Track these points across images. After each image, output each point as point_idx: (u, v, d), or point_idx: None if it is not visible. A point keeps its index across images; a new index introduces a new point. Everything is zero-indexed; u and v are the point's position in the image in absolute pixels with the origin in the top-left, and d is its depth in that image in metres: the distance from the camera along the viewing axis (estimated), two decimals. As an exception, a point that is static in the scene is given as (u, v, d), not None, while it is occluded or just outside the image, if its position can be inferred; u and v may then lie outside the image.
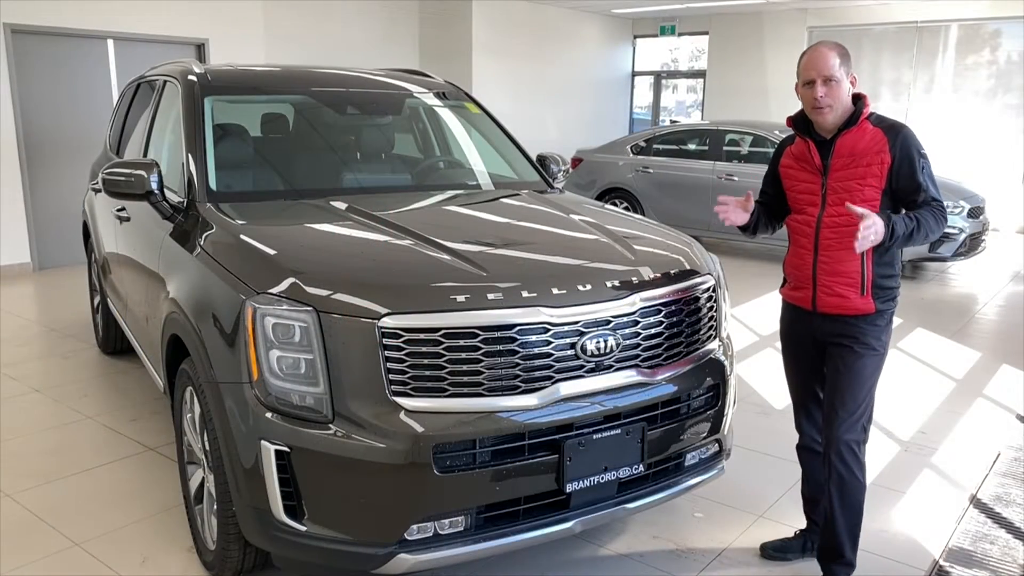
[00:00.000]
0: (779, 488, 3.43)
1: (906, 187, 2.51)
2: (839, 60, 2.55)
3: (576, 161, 9.99)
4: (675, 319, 2.67)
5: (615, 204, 9.12)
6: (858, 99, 2.60)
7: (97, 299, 5.17)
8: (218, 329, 2.48)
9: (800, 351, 2.79)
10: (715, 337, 2.86)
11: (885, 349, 2.64)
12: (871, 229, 2.36)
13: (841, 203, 2.52)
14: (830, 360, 2.66)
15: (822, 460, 2.69)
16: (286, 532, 2.32)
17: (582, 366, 2.43)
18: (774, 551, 2.91)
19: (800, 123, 2.68)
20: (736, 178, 8.60)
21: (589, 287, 2.49)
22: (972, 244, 7.90)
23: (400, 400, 2.24)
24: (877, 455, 3.84)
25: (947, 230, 7.66)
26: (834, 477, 2.62)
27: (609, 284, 2.53)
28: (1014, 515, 3.27)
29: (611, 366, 2.48)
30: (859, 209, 2.39)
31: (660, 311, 2.62)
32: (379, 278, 2.47)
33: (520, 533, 2.41)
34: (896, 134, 2.53)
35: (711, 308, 2.85)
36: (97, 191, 4.63)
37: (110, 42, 8.07)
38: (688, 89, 15.33)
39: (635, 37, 14.79)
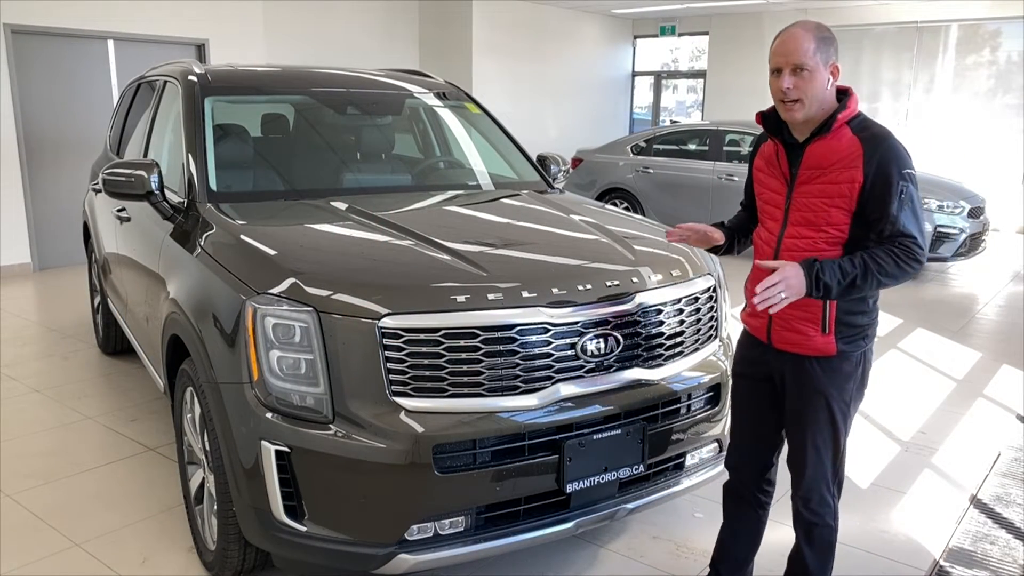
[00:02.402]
0: (779, 489, 3.41)
1: (873, 214, 2.05)
2: (815, 45, 2.05)
3: (576, 161, 9.99)
4: (675, 319, 2.67)
5: (615, 204, 9.12)
6: (843, 96, 2.15)
7: (97, 299, 5.17)
8: (218, 329, 2.48)
9: (752, 385, 2.40)
10: (715, 337, 2.86)
11: (852, 396, 2.25)
12: (777, 287, 1.99)
13: (805, 222, 2.14)
14: (788, 408, 2.31)
15: (757, 513, 2.50)
16: (286, 532, 2.32)
17: (582, 366, 2.43)
18: None
19: (772, 120, 2.24)
20: (736, 178, 8.59)
21: (589, 287, 2.49)
22: (972, 244, 7.90)
23: (400, 400, 2.25)
24: (877, 455, 3.85)
25: (947, 230, 7.67)
26: (801, 522, 2.36)
27: (609, 284, 2.53)
28: (1014, 515, 3.27)
29: (611, 366, 2.49)
30: (769, 263, 2.09)
31: (660, 311, 2.62)
32: (379, 278, 2.48)
33: (520, 533, 2.41)
34: (875, 147, 2.05)
35: (711, 308, 2.85)
36: (97, 191, 4.63)
37: (110, 42, 8.07)
38: (688, 89, 15.33)
39: (635, 37, 14.79)
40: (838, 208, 2.10)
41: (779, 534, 3.02)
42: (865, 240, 2.09)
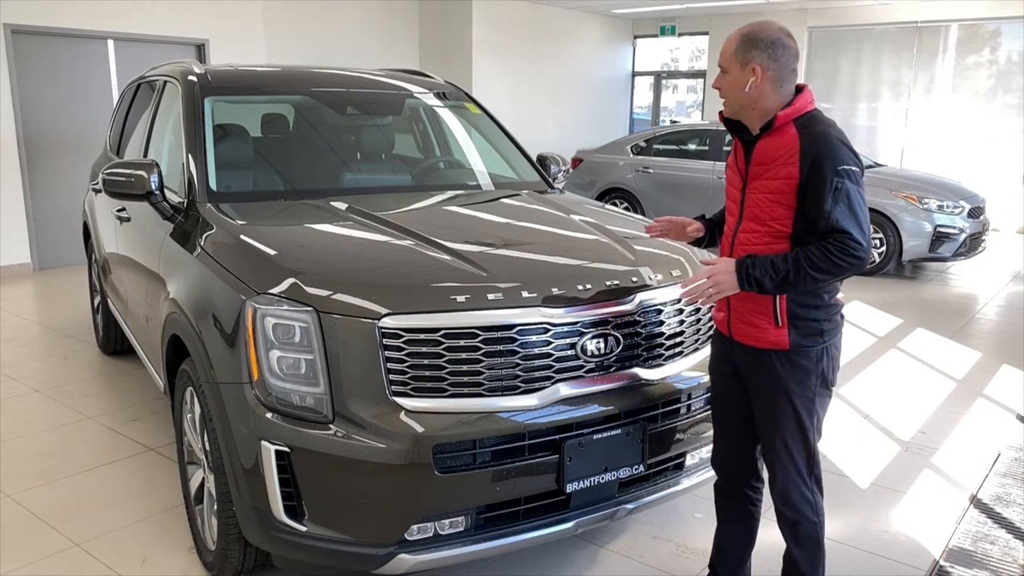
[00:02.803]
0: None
1: (811, 210, 2.07)
2: (735, 47, 2.15)
3: (576, 161, 10.00)
4: (675, 319, 2.67)
5: (615, 204, 9.12)
6: (798, 93, 2.18)
7: (97, 299, 5.17)
8: (218, 329, 2.48)
9: (725, 381, 2.43)
10: (715, 337, 2.86)
11: (815, 392, 2.24)
12: (706, 283, 2.14)
13: (754, 217, 2.18)
14: (755, 406, 2.33)
15: (749, 512, 2.53)
16: (286, 532, 2.31)
17: (582, 366, 2.43)
18: None
19: (731, 119, 2.29)
20: (736, 178, 8.58)
21: (589, 287, 2.49)
22: (972, 244, 7.90)
23: (400, 400, 2.25)
24: (877, 455, 3.85)
25: (947, 230, 7.67)
26: (784, 520, 2.36)
27: (609, 284, 2.53)
28: (1014, 515, 3.27)
29: (611, 366, 2.49)
30: (711, 259, 2.20)
31: (660, 311, 2.62)
32: (379, 278, 2.48)
33: (520, 533, 2.41)
34: (811, 143, 2.07)
35: (711, 308, 2.85)
36: (97, 191, 4.63)
37: (110, 42, 8.07)
38: (688, 89, 15.33)
39: (635, 37, 14.79)
40: (779, 204, 2.13)
41: (777, 534, 3.02)
42: (809, 235, 2.11)
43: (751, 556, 2.63)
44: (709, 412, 2.72)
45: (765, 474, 2.52)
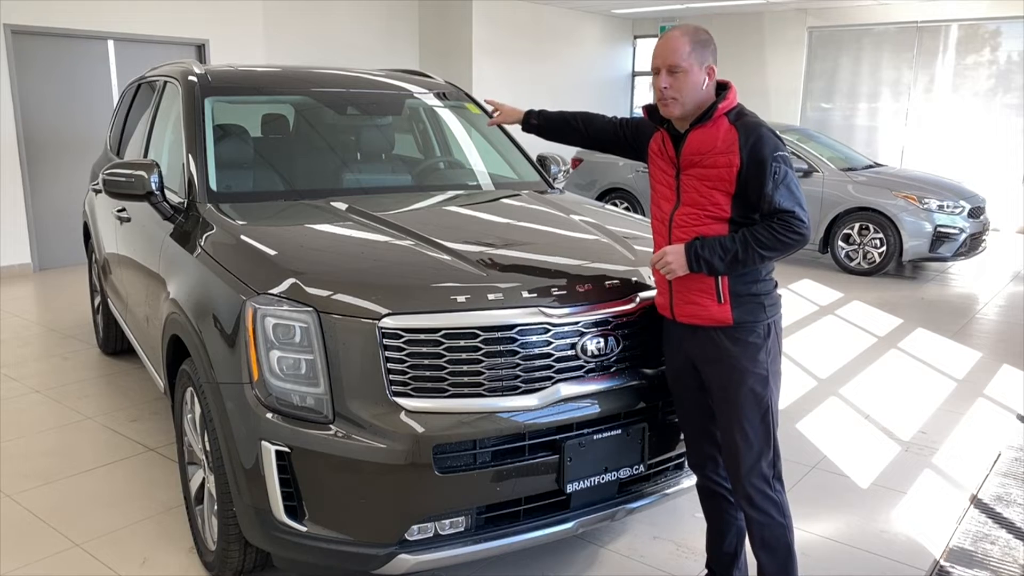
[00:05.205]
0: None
1: (753, 195, 2.20)
2: (690, 47, 2.22)
3: (576, 161, 9.99)
4: (675, 319, 2.67)
5: (615, 204, 9.12)
6: (722, 90, 2.29)
7: (97, 299, 5.17)
8: (218, 330, 2.48)
9: (683, 381, 2.45)
10: (715, 337, 2.86)
11: (768, 369, 2.30)
12: (669, 266, 2.25)
13: (693, 202, 2.28)
14: (709, 390, 2.37)
15: (735, 506, 2.50)
16: (286, 532, 2.32)
17: (583, 366, 2.43)
18: None
19: (656, 112, 2.39)
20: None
21: (589, 287, 2.49)
22: (972, 244, 7.91)
23: (400, 400, 2.25)
24: (877, 455, 3.85)
25: (947, 230, 7.67)
26: (750, 522, 2.38)
27: (609, 284, 2.53)
28: (1014, 515, 3.27)
29: (612, 366, 2.49)
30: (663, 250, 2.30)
31: (660, 311, 2.62)
32: (379, 279, 2.48)
33: (521, 533, 2.41)
34: (748, 135, 2.20)
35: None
36: (97, 192, 4.63)
37: (110, 42, 8.07)
38: (688, 89, 15.31)
39: (635, 37, 14.79)
40: (719, 191, 2.24)
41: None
42: (748, 217, 2.23)
43: (744, 551, 2.63)
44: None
45: None
